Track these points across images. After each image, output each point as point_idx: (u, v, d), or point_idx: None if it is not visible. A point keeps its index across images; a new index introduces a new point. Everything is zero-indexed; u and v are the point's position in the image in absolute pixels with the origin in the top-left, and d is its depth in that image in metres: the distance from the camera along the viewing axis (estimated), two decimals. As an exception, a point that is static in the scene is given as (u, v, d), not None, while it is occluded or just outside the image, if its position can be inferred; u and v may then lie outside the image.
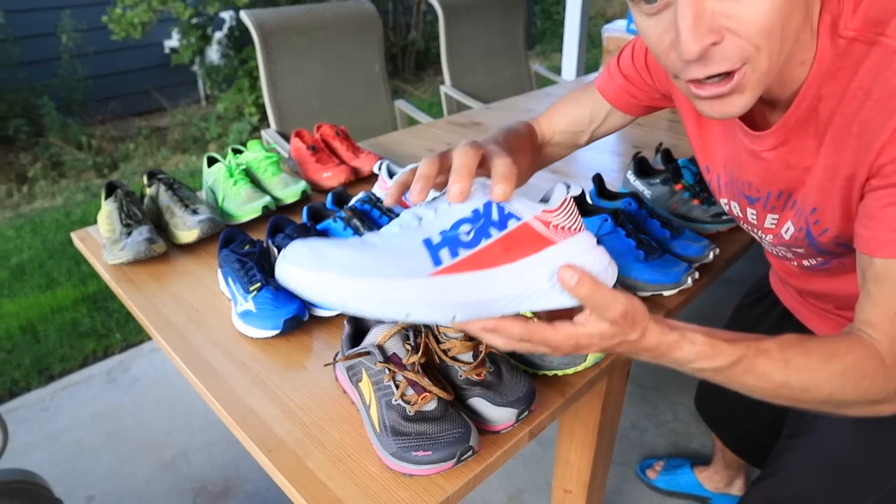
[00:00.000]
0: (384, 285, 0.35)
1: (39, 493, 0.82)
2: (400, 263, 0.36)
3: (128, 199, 0.81)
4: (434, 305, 0.36)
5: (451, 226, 0.38)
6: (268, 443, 0.51)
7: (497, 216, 0.38)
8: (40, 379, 1.43)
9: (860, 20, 0.40)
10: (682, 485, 1.10)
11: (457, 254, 0.37)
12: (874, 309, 0.42)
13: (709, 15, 0.36)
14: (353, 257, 0.36)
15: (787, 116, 0.46)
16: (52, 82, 2.95)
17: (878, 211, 0.41)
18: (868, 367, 0.41)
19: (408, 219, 0.39)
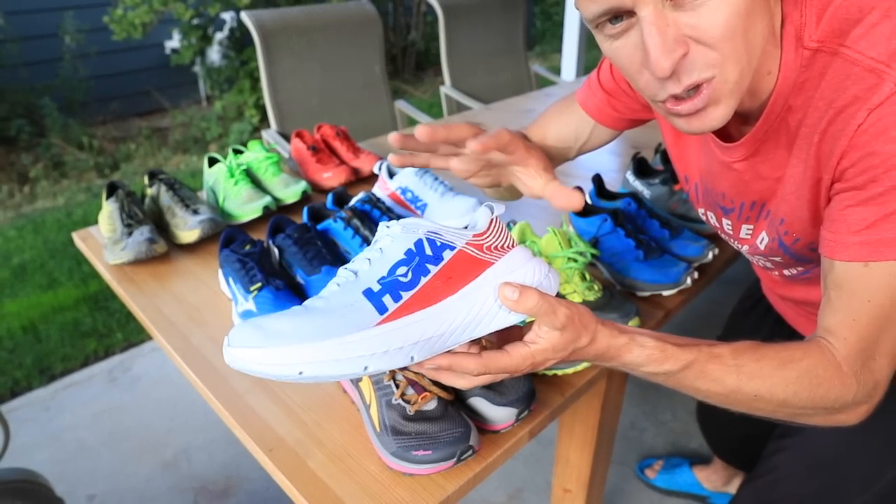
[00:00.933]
0: (335, 344, 0.35)
1: (41, 493, 0.82)
2: (345, 320, 0.36)
3: (129, 200, 0.81)
4: (390, 353, 0.36)
5: (388, 271, 0.38)
6: (268, 442, 0.51)
7: (431, 251, 0.38)
8: (42, 378, 1.43)
9: (823, 31, 0.41)
10: (681, 484, 1.10)
11: (399, 297, 0.37)
12: (834, 315, 0.42)
13: (672, 28, 0.37)
14: (296, 324, 0.36)
15: (757, 128, 0.46)
16: (53, 83, 2.95)
17: (839, 213, 0.41)
18: (824, 373, 0.41)
19: (345, 275, 0.39)
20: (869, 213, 0.39)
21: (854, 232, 0.40)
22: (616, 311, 0.61)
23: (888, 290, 0.40)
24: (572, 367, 0.57)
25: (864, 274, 0.40)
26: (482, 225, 0.40)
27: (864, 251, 0.40)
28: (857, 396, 0.41)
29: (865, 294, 0.40)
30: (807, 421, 0.43)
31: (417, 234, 0.39)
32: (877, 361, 0.41)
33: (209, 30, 3.09)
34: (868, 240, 0.39)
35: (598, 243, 0.73)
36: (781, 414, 0.43)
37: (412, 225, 0.39)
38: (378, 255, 0.39)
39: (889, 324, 0.41)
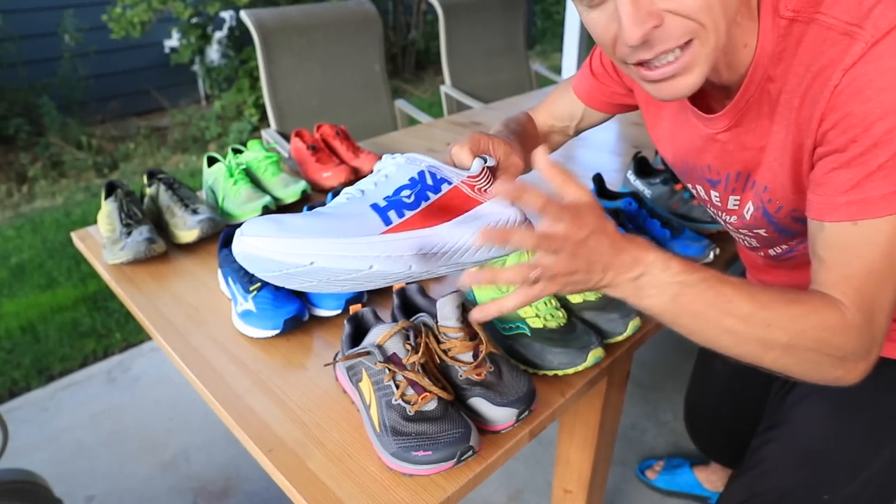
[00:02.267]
0: (345, 242, 0.39)
1: (39, 493, 0.82)
2: (354, 224, 0.41)
3: (128, 199, 0.81)
4: (392, 258, 0.41)
5: (393, 191, 0.43)
6: (268, 442, 0.51)
7: (431, 181, 0.44)
8: (40, 379, 1.43)
9: (797, 1, 0.42)
10: (682, 484, 1.10)
11: (402, 214, 0.42)
12: (827, 272, 0.42)
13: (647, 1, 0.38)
14: (311, 223, 0.40)
15: (738, 98, 0.47)
16: (52, 82, 2.95)
17: (825, 176, 0.42)
18: (830, 317, 0.41)
19: (352, 191, 0.44)
20: (853, 174, 0.40)
21: (841, 192, 0.41)
22: (616, 311, 0.61)
23: (879, 246, 0.40)
24: (573, 368, 0.56)
25: (853, 232, 0.41)
26: (475, 170, 0.46)
27: (851, 210, 0.40)
28: (858, 349, 0.41)
29: (856, 251, 0.41)
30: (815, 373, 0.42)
31: (420, 166, 0.44)
32: (876, 316, 0.41)
33: (208, 29, 3.09)
34: (854, 199, 0.40)
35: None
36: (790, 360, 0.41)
37: (415, 158, 0.45)
38: (384, 179, 0.44)
39: (882, 279, 0.41)
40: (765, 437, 0.64)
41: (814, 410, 0.59)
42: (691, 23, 0.39)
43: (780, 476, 0.61)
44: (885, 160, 0.38)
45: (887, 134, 0.38)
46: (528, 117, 0.71)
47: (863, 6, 0.39)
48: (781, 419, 0.62)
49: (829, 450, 0.58)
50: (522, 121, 0.68)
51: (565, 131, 0.72)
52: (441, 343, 0.52)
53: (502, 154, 0.50)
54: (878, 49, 0.37)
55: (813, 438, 0.59)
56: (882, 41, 0.37)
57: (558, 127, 0.72)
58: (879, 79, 0.37)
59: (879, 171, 0.39)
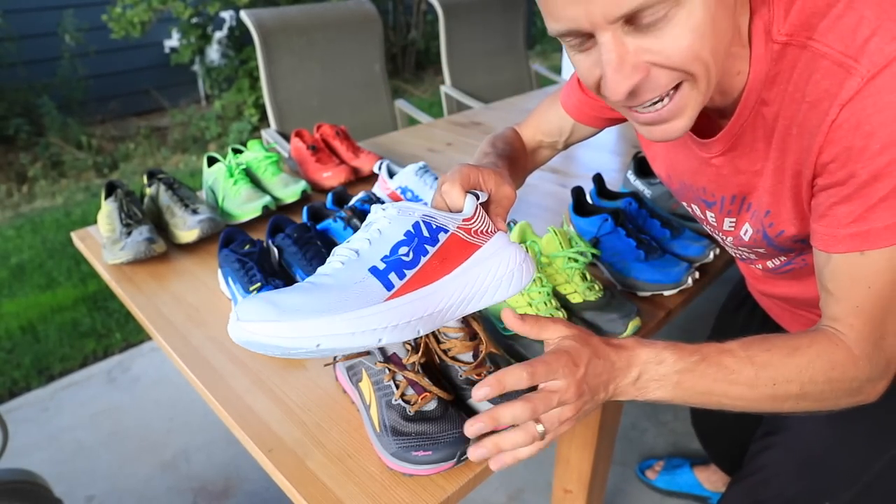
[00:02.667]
0: (350, 318, 0.37)
1: (39, 493, 0.82)
2: (356, 296, 0.38)
3: (128, 199, 0.81)
4: (400, 325, 0.39)
5: (390, 250, 0.41)
6: (268, 442, 0.51)
7: (427, 233, 0.42)
8: (40, 379, 1.43)
9: (791, 25, 0.41)
10: (682, 485, 1.10)
11: (403, 275, 0.40)
12: (837, 305, 0.43)
13: (632, 55, 0.37)
14: (308, 300, 0.37)
15: (732, 123, 0.47)
16: (52, 82, 2.95)
17: (829, 209, 0.42)
18: (835, 357, 0.41)
19: (346, 253, 0.42)
20: (855, 207, 0.40)
21: (844, 225, 0.41)
22: (617, 311, 0.61)
23: (886, 274, 0.41)
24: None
25: (861, 262, 0.41)
26: (468, 211, 0.44)
27: (856, 242, 0.41)
28: (872, 375, 0.42)
29: (865, 281, 0.41)
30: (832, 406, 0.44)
31: (414, 216, 0.42)
32: (886, 341, 0.42)
33: (208, 29, 3.09)
34: (858, 231, 0.40)
35: (599, 243, 0.73)
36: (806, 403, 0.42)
37: (407, 208, 0.43)
38: (377, 235, 0.42)
39: (893, 307, 0.41)
40: (764, 443, 0.63)
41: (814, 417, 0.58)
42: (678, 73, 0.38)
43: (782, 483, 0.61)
44: (886, 192, 0.38)
45: (888, 167, 0.38)
46: (515, 134, 0.69)
47: (857, 38, 0.38)
48: (781, 425, 0.62)
49: (830, 456, 0.58)
50: (510, 139, 0.66)
51: (554, 146, 0.71)
52: (441, 343, 0.52)
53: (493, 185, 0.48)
54: (876, 84, 0.37)
55: (814, 445, 0.59)
56: (879, 76, 0.37)
57: (546, 142, 0.70)
58: (878, 114, 0.37)
59: (881, 203, 0.39)
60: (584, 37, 0.38)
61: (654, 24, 0.36)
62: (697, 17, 0.36)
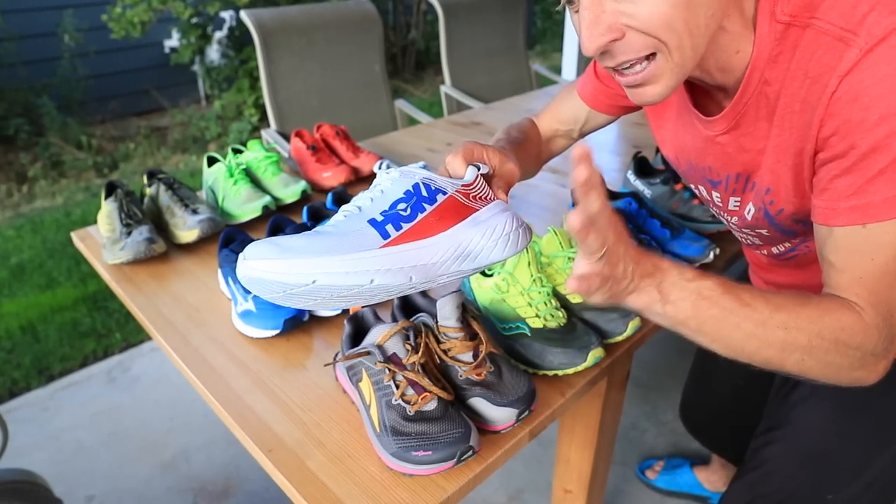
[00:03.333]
0: (345, 259, 0.40)
1: (39, 493, 0.82)
2: (353, 241, 0.41)
3: (128, 199, 0.81)
4: (392, 271, 0.41)
5: (389, 206, 0.44)
6: (268, 442, 0.51)
7: (426, 193, 0.44)
8: (40, 379, 1.43)
9: (794, 5, 0.43)
10: (682, 485, 1.10)
11: (400, 227, 0.43)
12: (840, 275, 0.43)
13: (608, 15, 0.40)
14: (311, 242, 0.41)
15: (736, 101, 0.48)
16: (52, 82, 2.95)
17: (829, 182, 0.42)
18: (845, 318, 0.41)
19: (349, 208, 0.45)
20: (854, 179, 0.40)
21: (844, 198, 0.41)
22: (617, 310, 0.61)
23: (889, 248, 0.40)
24: (573, 368, 0.56)
25: (863, 235, 0.41)
26: (468, 178, 0.47)
27: (856, 215, 0.41)
28: (877, 349, 0.41)
29: (868, 254, 0.41)
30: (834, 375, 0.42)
31: (415, 178, 0.45)
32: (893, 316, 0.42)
33: (208, 29, 3.09)
34: (858, 204, 0.41)
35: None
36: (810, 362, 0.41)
37: (409, 171, 0.46)
38: (379, 194, 0.45)
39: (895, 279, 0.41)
40: (766, 438, 0.63)
41: (817, 411, 0.59)
42: (651, 39, 0.40)
43: (784, 477, 0.61)
44: (885, 165, 0.39)
45: (886, 139, 0.38)
46: (531, 123, 0.71)
47: (857, 12, 0.39)
48: (783, 420, 0.62)
49: (833, 450, 0.58)
50: (525, 127, 0.69)
51: (569, 135, 0.73)
52: (441, 343, 0.52)
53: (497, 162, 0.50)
54: (874, 56, 0.38)
55: (816, 439, 0.59)
56: (877, 48, 0.38)
57: (562, 131, 0.72)
58: (876, 85, 0.38)
59: (881, 176, 0.39)
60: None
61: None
62: None
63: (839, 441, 0.58)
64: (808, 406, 0.60)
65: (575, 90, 0.71)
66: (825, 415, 0.58)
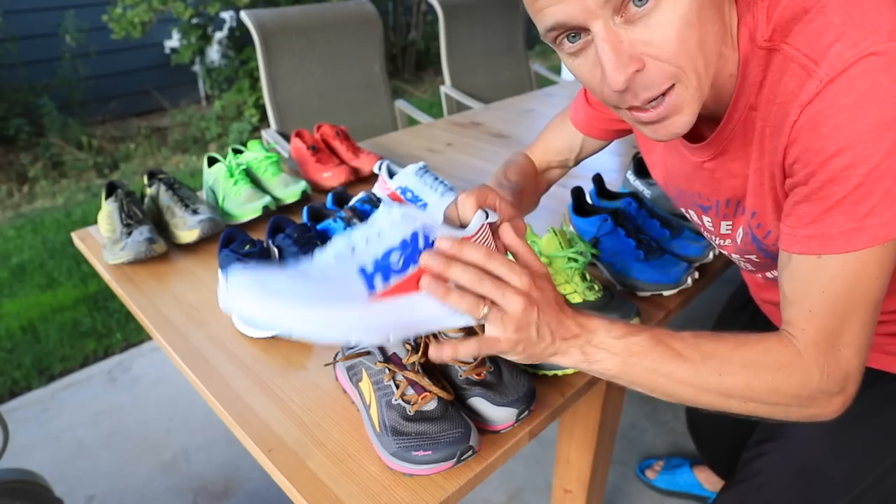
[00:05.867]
0: (325, 314, 0.38)
1: (40, 493, 0.82)
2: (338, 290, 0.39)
3: (128, 199, 0.81)
4: (372, 329, 0.40)
5: (382, 255, 0.41)
6: (268, 442, 0.51)
7: (423, 244, 0.42)
8: (41, 379, 1.43)
9: (772, 30, 0.42)
10: (682, 484, 1.10)
11: (388, 279, 0.41)
12: (790, 307, 0.43)
13: (627, 45, 0.38)
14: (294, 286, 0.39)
15: (722, 127, 0.48)
16: (52, 82, 2.95)
17: (792, 208, 0.43)
18: (782, 357, 0.41)
19: (342, 247, 0.43)
20: (813, 208, 0.41)
21: (803, 225, 0.41)
22: (617, 311, 0.61)
23: (841, 281, 0.40)
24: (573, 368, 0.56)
25: (817, 266, 0.41)
26: (472, 227, 0.43)
27: (812, 244, 0.41)
28: (825, 386, 0.41)
29: (819, 285, 0.41)
30: (784, 414, 0.43)
31: (415, 225, 0.42)
32: (842, 352, 0.42)
33: (209, 29, 3.09)
34: (814, 233, 0.41)
35: (599, 243, 0.73)
36: (753, 404, 0.42)
37: (411, 216, 0.43)
38: (376, 236, 0.43)
39: (848, 314, 0.41)
40: (758, 450, 0.63)
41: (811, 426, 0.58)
42: (670, 67, 0.39)
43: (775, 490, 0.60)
44: (841, 196, 0.39)
45: (843, 171, 0.38)
46: (527, 160, 0.69)
47: (822, 41, 0.39)
48: (777, 433, 0.62)
49: (826, 464, 0.58)
50: (523, 167, 0.67)
51: (564, 164, 0.72)
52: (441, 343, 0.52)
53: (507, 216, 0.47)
54: (833, 87, 0.38)
55: (809, 453, 0.59)
56: (836, 80, 0.37)
57: (556, 161, 0.71)
58: (834, 117, 0.38)
59: (837, 207, 0.39)
60: (575, 31, 0.39)
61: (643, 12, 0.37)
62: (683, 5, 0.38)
63: (833, 455, 0.57)
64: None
65: (567, 119, 0.69)
66: (820, 428, 0.57)
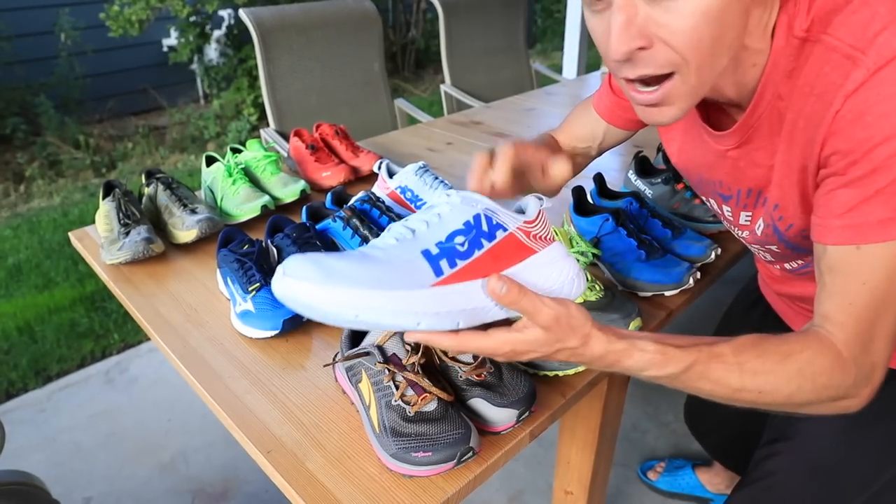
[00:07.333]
0: (393, 296, 0.37)
1: (37, 495, 0.81)
2: (404, 274, 0.38)
3: (126, 199, 0.81)
4: (441, 314, 0.38)
5: (446, 237, 0.40)
6: (267, 444, 0.50)
7: (486, 227, 0.41)
8: (37, 380, 1.42)
9: (810, 20, 0.42)
10: (684, 486, 1.10)
11: (455, 264, 0.39)
12: (830, 300, 0.42)
13: (640, 20, 0.38)
14: (358, 270, 0.37)
15: (747, 115, 0.47)
16: (49, 80, 2.94)
17: (824, 198, 0.42)
18: (824, 363, 0.41)
19: (401, 231, 0.41)
20: (851, 196, 0.40)
21: (837, 215, 0.41)
22: (618, 311, 0.61)
23: (882, 271, 0.40)
24: (573, 369, 0.56)
25: (857, 256, 0.40)
26: (531, 213, 0.42)
27: (848, 234, 0.40)
28: (858, 380, 0.42)
29: (860, 277, 0.40)
30: (812, 411, 0.44)
31: (476, 208, 0.41)
32: (874, 344, 0.42)
33: (207, 27, 3.08)
34: (851, 223, 0.40)
35: (600, 243, 0.72)
36: (787, 408, 0.43)
37: (471, 199, 0.42)
38: (437, 219, 0.41)
39: (885, 305, 0.41)
40: (771, 449, 0.63)
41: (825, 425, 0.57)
42: (675, 56, 0.39)
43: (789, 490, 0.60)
44: (883, 185, 0.38)
45: (888, 160, 0.38)
46: (553, 139, 0.68)
47: (868, 31, 0.38)
48: (790, 432, 0.61)
49: (840, 464, 0.58)
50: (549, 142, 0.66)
51: (587, 153, 0.70)
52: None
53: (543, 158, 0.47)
54: (881, 76, 0.37)
55: (823, 453, 0.58)
56: (885, 68, 0.37)
57: (580, 148, 0.70)
58: (880, 105, 0.37)
59: (877, 196, 0.39)
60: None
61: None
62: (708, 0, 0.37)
63: (847, 455, 0.57)
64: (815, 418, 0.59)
65: (591, 106, 0.68)
66: (834, 427, 0.57)
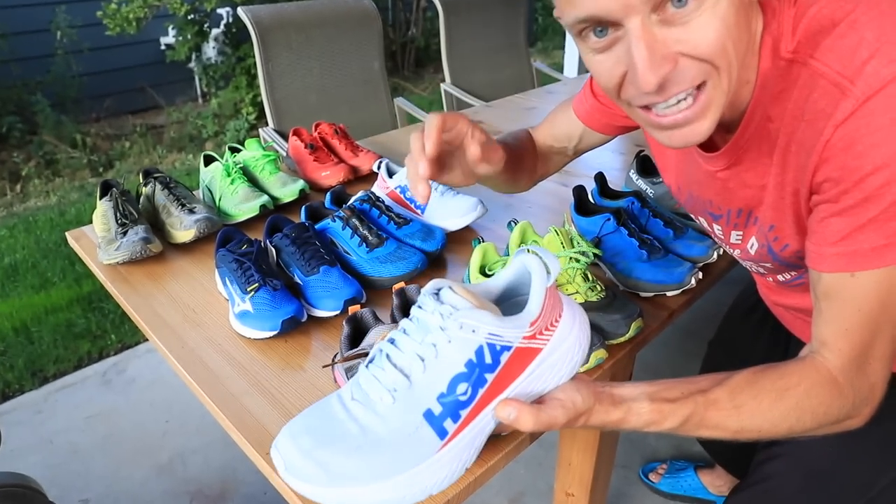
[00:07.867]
0: (401, 481, 0.36)
1: (33, 497, 0.81)
2: (408, 451, 0.37)
3: (123, 199, 0.80)
4: (449, 475, 0.38)
5: (447, 387, 0.37)
6: (265, 445, 0.50)
7: (490, 358, 0.38)
8: (34, 381, 1.41)
9: (797, 42, 0.41)
10: (686, 488, 1.10)
11: (458, 417, 0.38)
12: (826, 326, 0.43)
13: (661, 45, 0.37)
14: (360, 464, 0.37)
15: (737, 136, 0.47)
16: (45, 79, 2.92)
17: (818, 225, 0.42)
18: (822, 393, 0.42)
19: (395, 379, 0.38)
20: (843, 225, 0.40)
21: (831, 244, 0.41)
22: (619, 311, 0.60)
23: (877, 296, 0.41)
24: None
25: (851, 283, 0.41)
26: (536, 306, 0.39)
27: (842, 262, 0.41)
28: (856, 402, 0.43)
29: (855, 303, 0.41)
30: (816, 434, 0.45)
31: (478, 337, 0.37)
32: (871, 366, 0.42)
33: (205, 25, 3.06)
34: (845, 251, 0.40)
35: (601, 243, 0.72)
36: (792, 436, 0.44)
37: (469, 323, 0.37)
38: (433, 356, 0.37)
39: (880, 329, 0.42)
40: (770, 453, 0.63)
41: None
42: (705, 65, 0.38)
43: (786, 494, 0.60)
44: (875, 214, 0.39)
45: (879, 189, 0.38)
46: (527, 134, 0.69)
47: (856, 59, 0.38)
48: None
49: (838, 468, 0.58)
50: (520, 136, 0.67)
51: (564, 152, 0.71)
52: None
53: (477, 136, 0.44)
54: (870, 106, 0.37)
55: (822, 456, 0.59)
56: (873, 98, 0.37)
57: (556, 147, 0.70)
58: (870, 135, 0.37)
59: (870, 225, 0.39)
60: (606, 27, 0.38)
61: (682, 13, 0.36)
62: (723, 6, 0.37)
63: (845, 460, 0.57)
64: None
65: (566, 110, 0.68)
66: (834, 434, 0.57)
